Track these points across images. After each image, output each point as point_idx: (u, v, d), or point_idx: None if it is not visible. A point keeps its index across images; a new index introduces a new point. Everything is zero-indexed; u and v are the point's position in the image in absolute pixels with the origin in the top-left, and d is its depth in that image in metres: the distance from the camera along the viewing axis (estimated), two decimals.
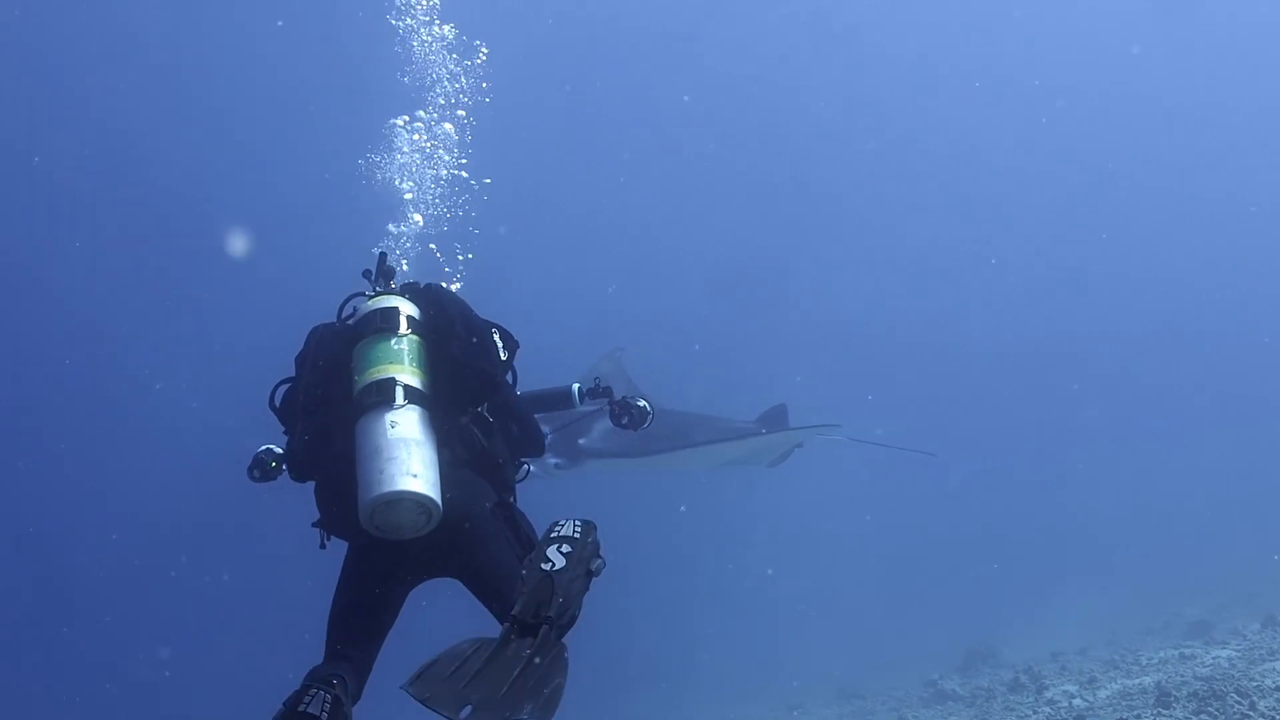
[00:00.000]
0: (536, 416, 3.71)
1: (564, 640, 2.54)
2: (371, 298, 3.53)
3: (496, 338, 3.43)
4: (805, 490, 23.00)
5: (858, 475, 24.18)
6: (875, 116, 32.35)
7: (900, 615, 16.97)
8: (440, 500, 2.94)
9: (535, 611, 2.52)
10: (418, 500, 2.88)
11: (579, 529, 2.73)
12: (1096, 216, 33.79)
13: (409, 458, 2.92)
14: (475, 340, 3.34)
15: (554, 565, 2.60)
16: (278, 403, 3.44)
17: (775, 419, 10.33)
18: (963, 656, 12.72)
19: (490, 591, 3.03)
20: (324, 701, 2.55)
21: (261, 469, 3.76)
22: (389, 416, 3.01)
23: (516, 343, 3.52)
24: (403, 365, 3.17)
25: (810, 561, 20.79)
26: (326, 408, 3.24)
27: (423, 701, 2.36)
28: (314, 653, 3.02)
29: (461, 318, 3.38)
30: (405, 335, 3.26)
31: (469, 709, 2.33)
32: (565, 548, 2.65)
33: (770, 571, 18.84)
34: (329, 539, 3.29)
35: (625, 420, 4.23)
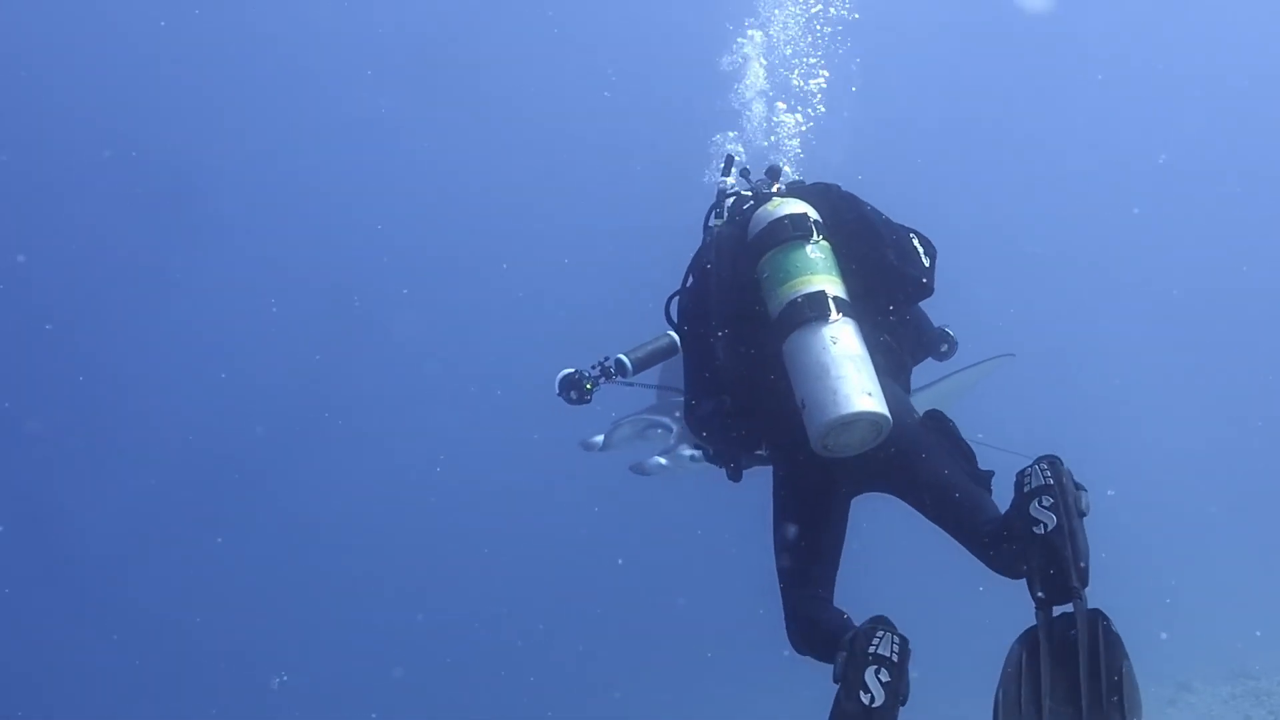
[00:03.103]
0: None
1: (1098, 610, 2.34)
2: (768, 200, 3.32)
3: (916, 242, 3.23)
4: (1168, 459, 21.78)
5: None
6: None
7: None
8: (891, 416, 2.83)
9: (1051, 583, 2.36)
10: (873, 419, 2.79)
11: (1048, 472, 2.52)
12: None
13: (859, 375, 2.81)
14: (900, 246, 3.17)
15: (1047, 527, 2.42)
16: (674, 315, 3.39)
17: None
18: None
19: (948, 510, 2.90)
20: (893, 643, 2.43)
21: (578, 390, 3.75)
22: (827, 332, 2.87)
23: (935, 248, 3.27)
24: (826, 275, 3.02)
25: (1186, 533, 19.68)
26: (739, 319, 3.13)
27: None
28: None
29: (883, 222, 3.21)
30: (819, 242, 3.10)
31: None
32: (1046, 499, 2.46)
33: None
34: (716, 458, 3.28)
35: (944, 348, 3.69)
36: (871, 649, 2.40)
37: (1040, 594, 2.37)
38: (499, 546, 19.26)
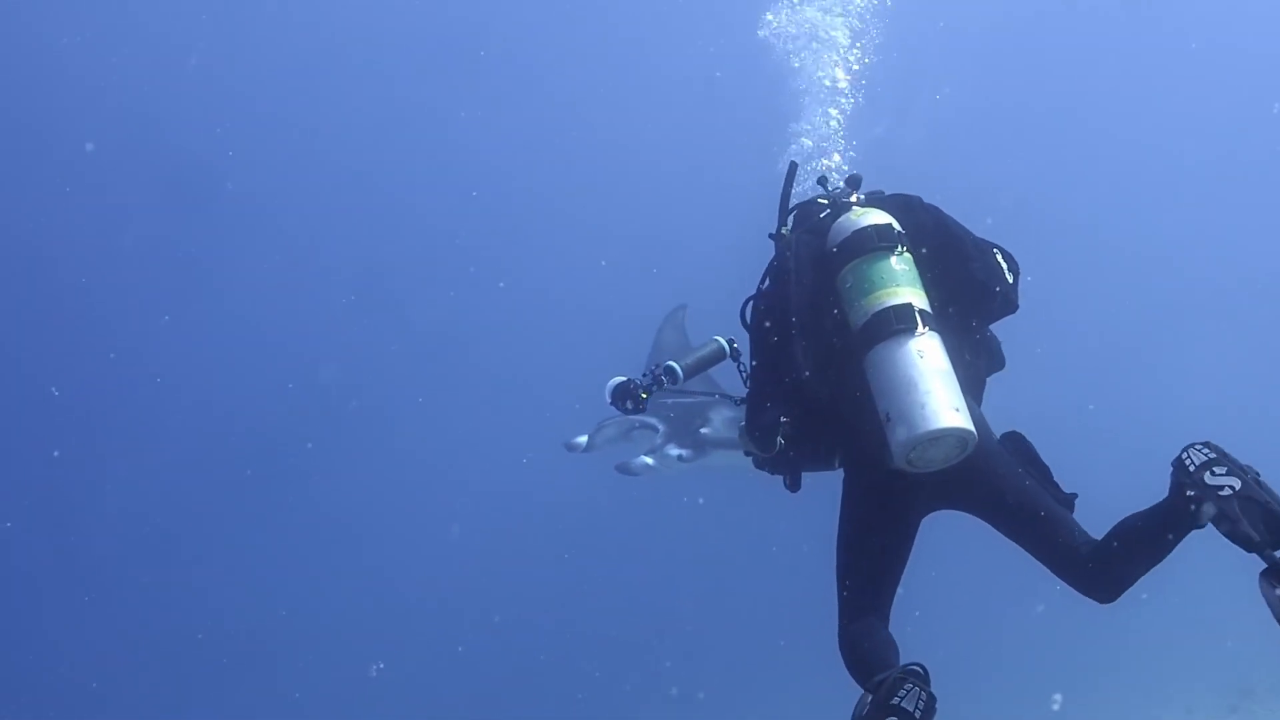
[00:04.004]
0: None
1: None
2: (847, 210, 3.27)
3: (999, 258, 3.19)
4: None
5: None
6: None
7: None
8: (977, 432, 2.82)
9: (1269, 524, 2.47)
10: (960, 435, 2.77)
11: (1205, 449, 2.64)
12: None
13: (946, 390, 2.79)
14: (985, 261, 3.16)
15: (1234, 487, 2.53)
16: (749, 319, 3.32)
17: None
18: None
19: (1032, 529, 2.94)
20: (919, 699, 2.42)
21: (633, 399, 3.80)
22: (914, 345, 2.84)
23: (1018, 264, 3.24)
24: (911, 287, 2.98)
25: None
26: (817, 328, 3.10)
27: None
28: None
29: (968, 237, 3.20)
30: (903, 254, 3.04)
31: None
32: (1218, 468, 2.56)
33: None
34: (770, 465, 3.24)
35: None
36: (895, 700, 2.40)
37: (1257, 538, 2.47)
38: (578, 551, 19.38)
